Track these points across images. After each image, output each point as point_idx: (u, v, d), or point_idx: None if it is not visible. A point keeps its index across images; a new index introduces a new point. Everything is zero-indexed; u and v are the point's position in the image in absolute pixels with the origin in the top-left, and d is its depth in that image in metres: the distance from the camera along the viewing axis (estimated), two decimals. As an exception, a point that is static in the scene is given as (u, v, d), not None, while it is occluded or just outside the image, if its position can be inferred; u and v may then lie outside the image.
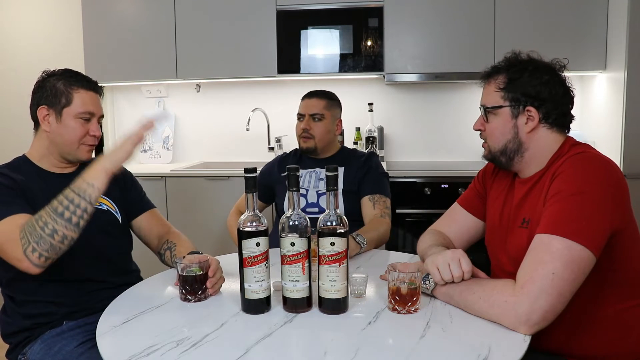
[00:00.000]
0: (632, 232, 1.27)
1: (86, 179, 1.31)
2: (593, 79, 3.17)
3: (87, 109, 1.53)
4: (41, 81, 1.55)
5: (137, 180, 1.80)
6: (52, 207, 1.30)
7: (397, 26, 3.11)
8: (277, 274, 1.27)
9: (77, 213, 1.30)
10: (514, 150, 1.34)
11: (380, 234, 1.87)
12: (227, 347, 1.07)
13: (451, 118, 3.46)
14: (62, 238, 1.29)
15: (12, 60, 3.89)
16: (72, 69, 1.58)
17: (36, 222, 1.29)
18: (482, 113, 1.39)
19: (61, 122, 1.52)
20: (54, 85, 1.52)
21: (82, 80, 1.55)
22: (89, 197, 1.30)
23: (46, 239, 1.28)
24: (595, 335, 1.26)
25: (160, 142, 3.67)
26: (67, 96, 1.51)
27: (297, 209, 1.22)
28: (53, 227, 1.28)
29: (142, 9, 3.32)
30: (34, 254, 1.28)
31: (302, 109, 2.17)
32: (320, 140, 2.14)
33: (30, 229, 1.28)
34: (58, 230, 1.28)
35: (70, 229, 1.30)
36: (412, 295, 1.21)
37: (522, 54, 1.38)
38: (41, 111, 1.52)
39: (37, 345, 1.47)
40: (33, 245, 1.27)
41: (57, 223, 1.28)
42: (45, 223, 1.28)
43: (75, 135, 1.52)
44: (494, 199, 1.48)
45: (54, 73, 1.55)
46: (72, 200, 1.30)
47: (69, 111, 1.51)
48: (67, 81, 1.53)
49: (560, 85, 1.33)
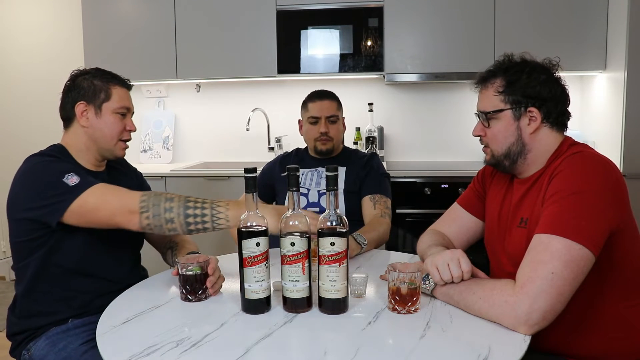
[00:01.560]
0: (632, 231, 1.27)
1: (229, 212, 1.36)
2: (593, 79, 3.17)
3: (124, 104, 1.58)
4: (74, 80, 1.58)
5: (145, 180, 1.82)
6: (186, 204, 1.37)
7: (397, 26, 3.11)
8: (277, 274, 1.27)
9: (198, 226, 1.38)
10: (518, 153, 1.34)
11: (380, 234, 1.87)
12: (227, 347, 1.07)
13: (451, 118, 3.46)
14: (172, 228, 1.38)
15: (12, 60, 3.89)
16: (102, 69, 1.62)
17: (165, 200, 1.38)
18: (481, 119, 1.38)
19: (101, 117, 1.55)
20: (92, 82, 1.56)
21: (117, 77, 1.61)
22: (217, 225, 1.37)
23: (162, 219, 1.37)
24: (595, 335, 1.26)
25: (160, 142, 3.67)
26: (106, 91, 1.56)
27: (298, 208, 1.22)
28: (174, 218, 1.37)
29: (142, 9, 3.32)
30: (147, 220, 1.37)
31: (316, 112, 2.14)
32: (337, 141, 2.17)
33: (156, 200, 1.37)
34: (175, 222, 1.37)
35: (184, 230, 1.39)
36: (412, 295, 1.21)
37: (514, 56, 1.37)
38: (79, 107, 1.55)
39: (41, 342, 1.48)
40: (152, 215, 1.36)
41: (180, 219, 1.37)
42: (171, 208, 1.37)
43: (114, 130, 1.57)
44: (492, 199, 1.48)
45: (87, 71, 1.59)
46: (205, 215, 1.37)
47: (108, 106, 1.56)
48: (103, 78, 1.57)
49: (557, 83, 1.34)
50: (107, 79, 1.57)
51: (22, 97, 3.92)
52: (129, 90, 1.63)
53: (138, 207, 1.36)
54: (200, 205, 1.37)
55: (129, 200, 1.38)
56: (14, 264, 1.55)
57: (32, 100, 3.90)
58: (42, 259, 1.47)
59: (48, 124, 3.85)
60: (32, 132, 3.83)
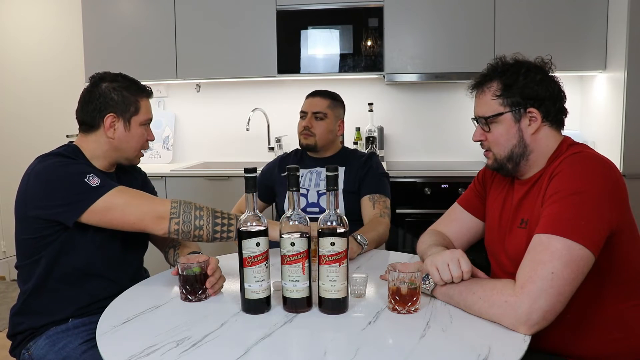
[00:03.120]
0: (632, 231, 1.27)
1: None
2: (593, 79, 3.17)
3: (149, 116, 1.62)
4: (95, 86, 1.55)
5: (149, 179, 1.83)
6: (215, 215, 1.45)
7: (397, 26, 3.11)
8: (277, 274, 1.27)
9: (223, 235, 1.45)
10: (520, 155, 1.33)
11: (380, 233, 1.87)
12: (227, 347, 1.07)
13: (451, 118, 3.46)
14: (199, 236, 1.45)
15: (12, 60, 3.89)
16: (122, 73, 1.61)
17: (195, 209, 1.45)
18: (481, 124, 1.38)
19: (129, 130, 1.57)
20: (122, 94, 1.55)
21: (144, 88, 1.62)
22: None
23: (191, 226, 1.43)
24: (595, 335, 1.26)
25: (160, 142, 3.67)
26: (135, 105, 1.57)
27: (297, 208, 1.22)
28: (203, 227, 1.44)
29: (142, 9, 3.32)
30: (176, 225, 1.43)
31: (305, 107, 2.18)
32: (321, 139, 2.14)
33: (186, 208, 1.44)
34: (203, 232, 1.44)
35: (210, 239, 1.45)
36: (412, 295, 1.21)
37: (506, 57, 1.37)
38: (108, 119, 1.54)
39: (41, 341, 1.48)
40: (181, 221, 1.43)
41: (208, 228, 1.44)
42: (201, 218, 1.44)
43: (140, 142, 1.60)
44: (493, 200, 1.48)
45: (110, 78, 1.56)
46: (231, 229, 1.45)
47: (136, 119, 1.57)
48: (132, 89, 1.57)
49: (553, 81, 1.34)
50: (136, 91, 1.58)
51: (22, 97, 3.92)
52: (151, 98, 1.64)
53: (169, 213, 1.42)
54: (227, 217, 1.46)
55: (159, 206, 1.44)
56: (18, 262, 1.55)
57: (32, 100, 3.90)
58: (51, 258, 1.48)
59: (48, 124, 3.87)
60: (32, 131, 3.84)
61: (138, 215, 1.42)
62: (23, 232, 1.50)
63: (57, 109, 3.80)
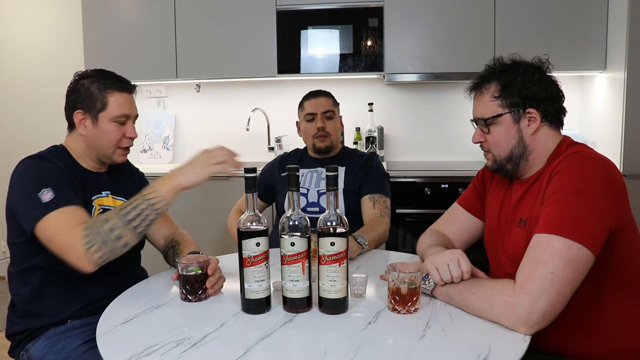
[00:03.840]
0: (632, 231, 1.27)
1: (159, 192, 1.34)
2: (593, 79, 3.17)
3: (123, 112, 1.54)
4: (74, 83, 1.55)
5: (147, 180, 1.80)
6: (122, 213, 1.33)
7: (397, 26, 3.11)
8: (277, 274, 1.27)
9: (144, 223, 1.34)
10: (519, 155, 1.34)
11: (380, 233, 1.87)
12: (227, 347, 1.07)
13: (451, 118, 3.46)
14: (125, 243, 1.34)
15: (12, 60, 3.89)
16: (105, 70, 1.58)
17: (104, 223, 1.33)
18: (480, 125, 1.38)
19: (98, 127, 1.53)
20: (89, 89, 1.52)
21: (116, 82, 1.55)
22: (158, 210, 1.34)
23: (111, 241, 1.32)
24: (595, 335, 1.26)
25: (160, 142, 3.67)
26: (102, 100, 1.51)
27: (297, 208, 1.22)
28: (121, 232, 1.32)
29: (142, 9, 3.32)
30: (97, 253, 1.31)
31: (312, 109, 2.15)
32: (335, 138, 2.16)
33: (96, 229, 1.32)
34: (124, 235, 1.33)
35: (134, 235, 1.34)
36: (412, 295, 1.21)
37: (503, 58, 1.37)
38: (77, 115, 1.53)
39: (40, 342, 1.48)
40: (100, 244, 1.31)
41: (125, 228, 1.32)
42: (114, 227, 1.32)
43: (112, 139, 1.54)
44: (492, 199, 1.48)
45: (87, 75, 1.55)
46: (143, 210, 1.33)
47: (104, 115, 1.52)
48: (101, 84, 1.52)
49: (551, 81, 1.34)
50: (106, 86, 1.52)
51: (22, 97, 3.92)
52: (131, 93, 1.58)
53: (83, 249, 1.30)
54: (135, 205, 1.33)
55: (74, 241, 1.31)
56: (12, 267, 1.54)
57: (32, 100, 3.90)
58: (44, 265, 1.47)
59: (47, 124, 3.86)
60: (32, 132, 3.83)
61: (62, 248, 1.34)
62: (12, 236, 1.50)
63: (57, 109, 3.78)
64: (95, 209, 1.55)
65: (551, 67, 1.36)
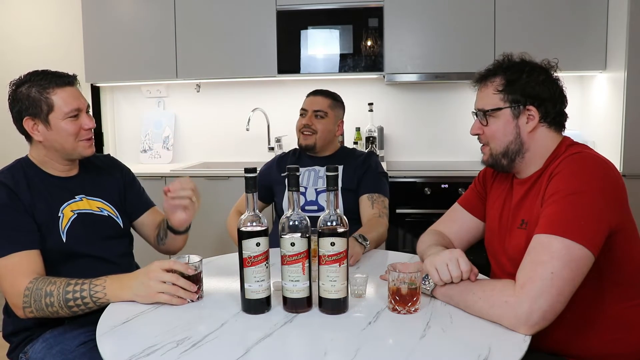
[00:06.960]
0: (631, 231, 1.27)
1: (109, 295, 1.33)
2: (593, 79, 3.17)
3: (72, 107, 1.49)
4: (13, 93, 1.50)
5: (135, 178, 1.79)
6: (64, 297, 1.35)
7: (397, 26, 3.11)
8: (277, 274, 1.27)
9: (81, 309, 1.36)
10: (516, 151, 1.34)
11: (380, 234, 1.87)
12: (227, 347, 1.07)
13: (451, 118, 3.46)
14: (53, 312, 1.37)
15: (12, 60, 3.89)
16: (38, 70, 1.51)
17: (45, 297, 1.35)
18: (479, 117, 1.38)
19: (52, 129, 1.48)
20: (28, 95, 1.46)
21: (54, 78, 1.48)
22: (99, 304, 1.35)
23: (45, 312, 1.36)
24: (596, 335, 1.26)
25: (160, 142, 3.67)
26: (46, 102, 1.46)
27: (297, 208, 1.22)
28: (57, 310, 1.35)
29: (142, 9, 3.32)
30: (31, 313, 1.37)
31: (305, 105, 2.18)
32: (320, 138, 2.14)
33: (36, 299, 1.35)
34: (59, 312, 1.36)
35: (65, 312, 1.37)
36: (412, 296, 1.21)
37: (513, 56, 1.38)
38: (27, 123, 1.49)
39: (38, 344, 1.47)
40: (34, 310, 1.36)
41: (62, 310, 1.35)
42: (52, 304, 1.35)
43: (70, 136, 1.50)
44: (493, 200, 1.48)
45: (22, 81, 1.50)
46: (86, 303, 1.34)
47: (55, 116, 1.47)
48: (39, 86, 1.47)
49: (555, 84, 1.35)
50: (44, 86, 1.46)
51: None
52: (73, 85, 1.52)
53: (20, 304, 1.36)
54: (80, 294, 1.34)
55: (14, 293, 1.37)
56: None
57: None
58: None
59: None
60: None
61: (5, 290, 1.39)
62: None
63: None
64: (64, 218, 1.51)
65: (558, 70, 1.36)
